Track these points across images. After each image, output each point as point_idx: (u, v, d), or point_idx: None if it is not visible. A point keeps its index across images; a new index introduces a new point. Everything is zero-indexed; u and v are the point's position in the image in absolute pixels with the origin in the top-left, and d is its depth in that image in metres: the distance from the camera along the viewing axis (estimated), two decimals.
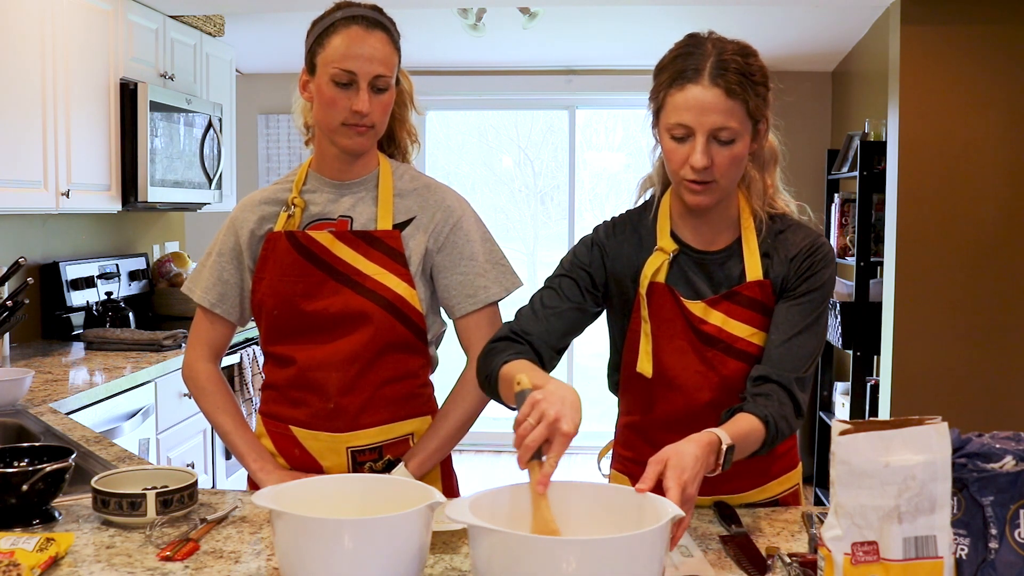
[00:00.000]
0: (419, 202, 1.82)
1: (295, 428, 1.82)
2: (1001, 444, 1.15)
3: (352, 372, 1.77)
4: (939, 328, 3.80)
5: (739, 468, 1.66)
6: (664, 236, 1.65)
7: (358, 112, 1.70)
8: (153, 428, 3.27)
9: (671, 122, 1.52)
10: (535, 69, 5.72)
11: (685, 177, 1.54)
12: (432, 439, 1.80)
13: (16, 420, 2.39)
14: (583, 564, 1.08)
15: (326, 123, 1.74)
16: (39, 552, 1.34)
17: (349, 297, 1.76)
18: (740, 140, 1.52)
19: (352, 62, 1.68)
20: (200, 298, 1.87)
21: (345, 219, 1.80)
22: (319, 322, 1.77)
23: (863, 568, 1.12)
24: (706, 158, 1.50)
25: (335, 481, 1.40)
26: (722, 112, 1.49)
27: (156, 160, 3.80)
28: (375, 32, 1.71)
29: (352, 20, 1.71)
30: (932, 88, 3.76)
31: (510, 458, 5.80)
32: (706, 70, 1.49)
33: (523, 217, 6.87)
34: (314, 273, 1.77)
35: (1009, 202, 3.77)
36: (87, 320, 3.84)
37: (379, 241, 1.78)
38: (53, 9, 3.23)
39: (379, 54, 1.70)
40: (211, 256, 1.88)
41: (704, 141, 1.50)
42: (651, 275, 1.63)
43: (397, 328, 1.78)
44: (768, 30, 4.87)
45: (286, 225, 1.80)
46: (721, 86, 1.48)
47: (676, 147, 1.53)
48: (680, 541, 1.47)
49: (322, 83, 1.71)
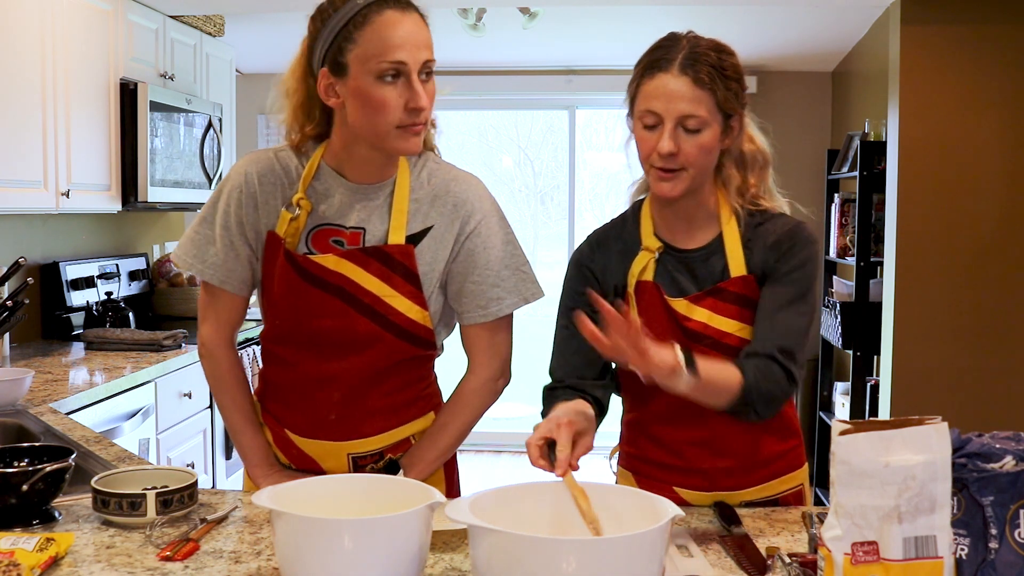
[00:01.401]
0: (438, 208, 1.67)
1: (292, 433, 1.76)
2: (1001, 444, 1.15)
3: (356, 388, 1.70)
4: (939, 328, 3.80)
5: (740, 463, 1.66)
6: (648, 236, 1.67)
7: (417, 109, 1.52)
8: (153, 428, 3.27)
9: (641, 109, 1.56)
10: (535, 69, 5.72)
11: (653, 164, 1.57)
12: (430, 449, 1.75)
13: (16, 420, 2.39)
14: (583, 564, 1.08)
15: (374, 128, 1.55)
16: (39, 552, 1.34)
17: (356, 320, 1.64)
18: (708, 129, 1.55)
19: (399, 52, 1.49)
20: (208, 275, 1.70)
21: (357, 231, 1.64)
22: (324, 340, 1.67)
23: (863, 568, 1.12)
24: (673, 144, 1.53)
25: (335, 481, 1.40)
26: (690, 100, 1.52)
27: (156, 160, 3.80)
28: (410, 13, 1.53)
29: (383, 4, 1.51)
30: (932, 88, 3.76)
31: (510, 458, 5.83)
32: (677, 60, 1.54)
33: (523, 217, 6.87)
34: (317, 294, 1.64)
35: (1009, 202, 3.77)
36: (87, 320, 3.84)
37: (392, 259, 1.63)
38: (53, 9, 3.23)
39: (423, 37, 1.53)
40: (214, 227, 1.69)
41: (671, 127, 1.53)
42: (638, 274, 1.65)
43: (405, 348, 1.69)
44: (768, 30, 4.87)
45: (288, 231, 1.64)
46: (690, 75, 1.52)
47: (646, 135, 1.57)
48: (680, 541, 1.47)
49: (364, 83, 1.51)
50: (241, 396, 1.80)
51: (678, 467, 1.69)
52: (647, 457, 1.73)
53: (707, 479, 1.68)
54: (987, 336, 3.80)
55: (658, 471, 1.71)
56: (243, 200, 1.68)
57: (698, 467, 1.68)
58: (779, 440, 1.70)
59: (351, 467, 1.75)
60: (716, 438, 1.65)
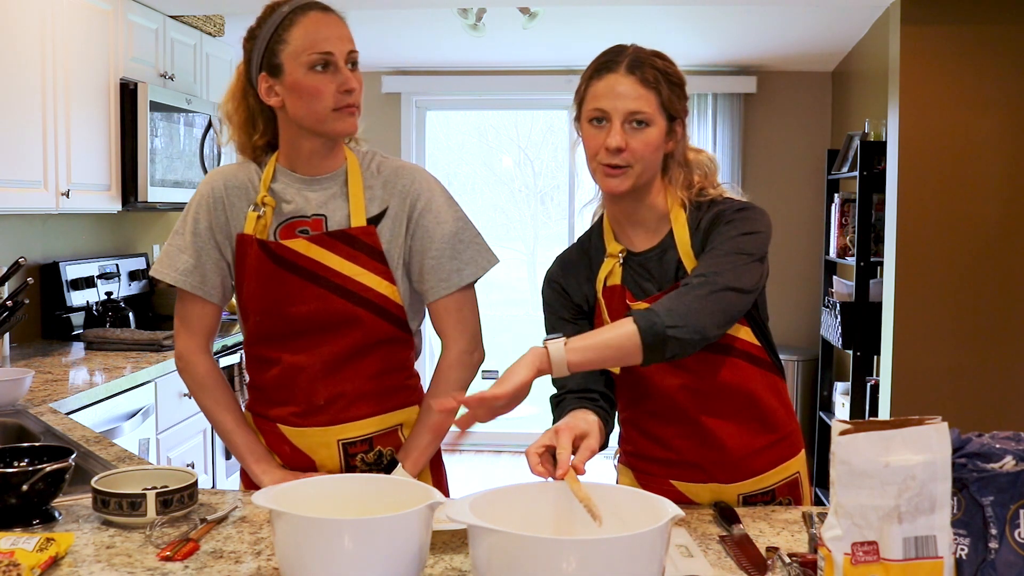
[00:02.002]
0: (389, 190, 1.79)
1: (283, 427, 1.81)
2: (1001, 444, 1.15)
3: (339, 371, 1.77)
4: (939, 328, 3.80)
5: (731, 456, 1.70)
6: (611, 242, 1.73)
7: (349, 90, 1.68)
8: (153, 428, 3.27)
9: (589, 108, 1.63)
10: (535, 69, 5.72)
11: (601, 161, 1.62)
12: (423, 434, 1.80)
13: (16, 420, 2.39)
14: (583, 564, 1.09)
15: (313, 114, 1.70)
16: (39, 552, 1.34)
17: (332, 301, 1.74)
18: (654, 126, 1.61)
19: (325, 43, 1.67)
20: (181, 281, 1.79)
21: (319, 217, 1.77)
22: (303, 326, 1.76)
23: (863, 568, 1.12)
24: (621, 139, 1.60)
25: (335, 481, 1.40)
26: (636, 98, 1.60)
27: (156, 160, 3.80)
28: (331, 14, 1.72)
29: (305, 8, 1.70)
30: (932, 88, 3.77)
31: (510, 458, 5.84)
32: (623, 63, 1.62)
33: (523, 217, 6.87)
34: (292, 280, 1.74)
35: (1009, 202, 3.77)
36: (87, 320, 3.84)
37: (356, 240, 1.75)
38: (53, 9, 3.23)
39: (345, 32, 1.71)
40: (183, 235, 1.80)
41: (619, 124, 1.60)
42: (604, 279, 1.71)
43: (382, 326, 1.78)
44: (768, 30, 4.87)
45: (256, 228, 1.75)
46: (636, 75, 1.60)
47: (594, 133, 1.63)
48: (680, 541, 1.47)
49: (298, 76, 1.68)
50: (225, 396, 1.85)
51: (673, 461, 1.73)
52: (643, 453, 1.77)
53: (702, 471, 1.72)
54: (987, 336, 3.80)
55: (655, 466, 1.75)
56: (212, 206, 1.80)
57: (691, 460, 1.71)
58: (766, 431, 1.72)
59: (342, 457, 1.80)
60: (704, 432, 1.69)
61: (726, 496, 1.71)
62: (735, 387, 1.68)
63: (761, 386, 1.70)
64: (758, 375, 1.69)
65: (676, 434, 1.71)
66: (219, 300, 1.83)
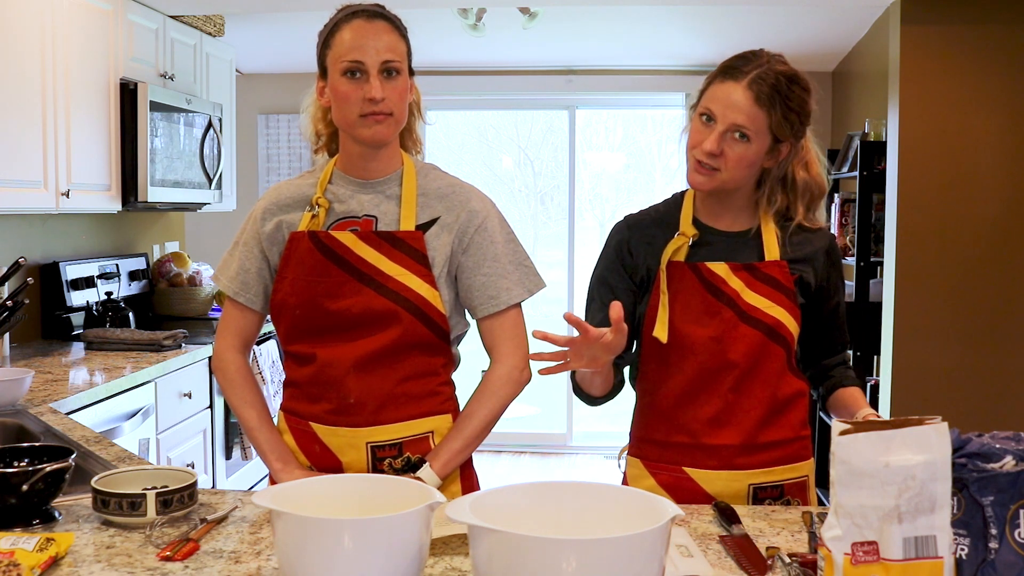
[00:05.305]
0: (444, 203, 1.83)
1: (315, 424, 1.82)
2: (1001, 444, 1.15)
3: (372, 370, 1.79)
4: (939, 328, 3.80)
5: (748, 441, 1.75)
6: (687, 222, 1.79)
7: (371, 99, 1.72)
8: (153, 428, 3.27)
9: (703, 105, 1.71)
10: (535, 69, 5.72)
11: (695, 156, 1.70)
12: (456, 439, 1.80)
13: (16, 420, 2.39)
14: (583, 564, 1.08)
15: (344, 119, 1.76)
16: (39, 552, 1.34)
17: (371, 297, 1.77)
18: (755, 143, 1.67)
19: (358, 52, 1.72)
20: (225, 287, 1.90)
21: (370, 218, 1.81)
22: (341, 321, 1.78)
23: (863, 568, 1.12)
24: (717, 146, 1.67)
25: (335, 481, 1.40)
26: (745, 113, 1.66)
27: (156, 160, 3.80)
28: (376, 22, 1.76)
29: (353, 15, 1.76)
30: (932, 88, 3.76)
31: (511, 458, 5.83)
32: (748, 75, 1.67)
33: (523, 217, 6.88)
34: (336, 273, 1.78)
35: (1009, 202, 3.77)
36: (87, 320, 3.84)
37: (402, 242, 1.79)
38: (53, 9, 3.23)
39: (383, 41, 1.74)
40: (237, 245, 1.91)
41: (721, 130, 1.67)
42: (671, 255, 1.77)
43: (419, 329, 1.79)
44: (768, 30, 4.87)
45: (310, 225, 1.81)
46: (753, 91, 1.66)
47: (700, 128, 1.71)
48: (680, 541, 1.48)
49: (334, 80, 1.75)
50: (251, 394, 1.90)
51: (688, 445, 1.76)
52: (657, 440, 1.80)
53: (716, 457, 1.75)
54: (987, 336, 3.80)
55: (668, 452, 1.78)
56: (265, 216, 1.87)
57: (708, 444, 1.74)
58: (790, 426, 1.77)
59: (370, 459, 1.80)
60: (728, 413, 1.73)
61: (738, 485, 1.74)
62: (771, 374, 1.74)
63: (793, 383, 1.77)
64: (791, 373, 1.77)
65: (699, 417, 1.74)
66: (260, 308, 1.90)
